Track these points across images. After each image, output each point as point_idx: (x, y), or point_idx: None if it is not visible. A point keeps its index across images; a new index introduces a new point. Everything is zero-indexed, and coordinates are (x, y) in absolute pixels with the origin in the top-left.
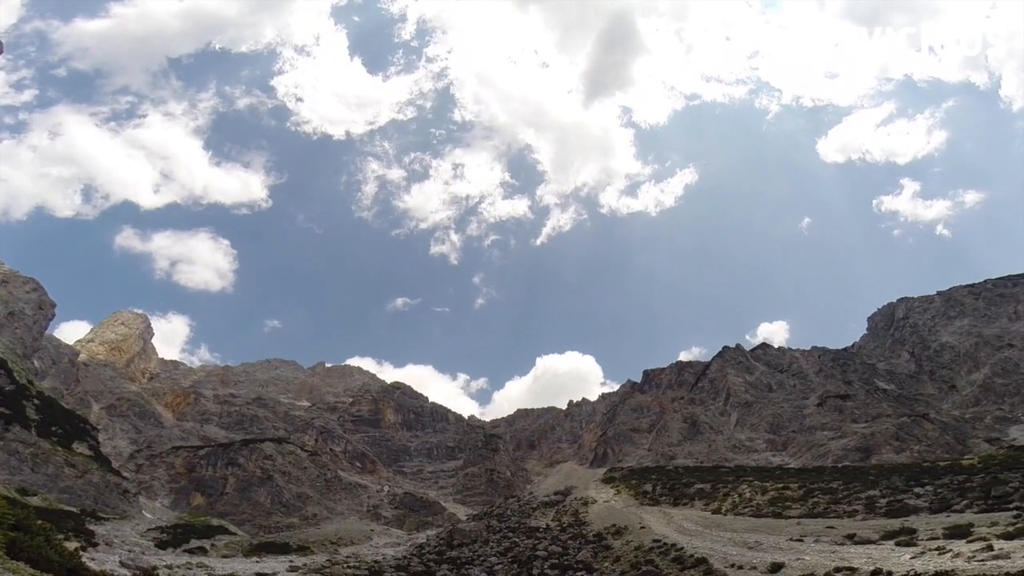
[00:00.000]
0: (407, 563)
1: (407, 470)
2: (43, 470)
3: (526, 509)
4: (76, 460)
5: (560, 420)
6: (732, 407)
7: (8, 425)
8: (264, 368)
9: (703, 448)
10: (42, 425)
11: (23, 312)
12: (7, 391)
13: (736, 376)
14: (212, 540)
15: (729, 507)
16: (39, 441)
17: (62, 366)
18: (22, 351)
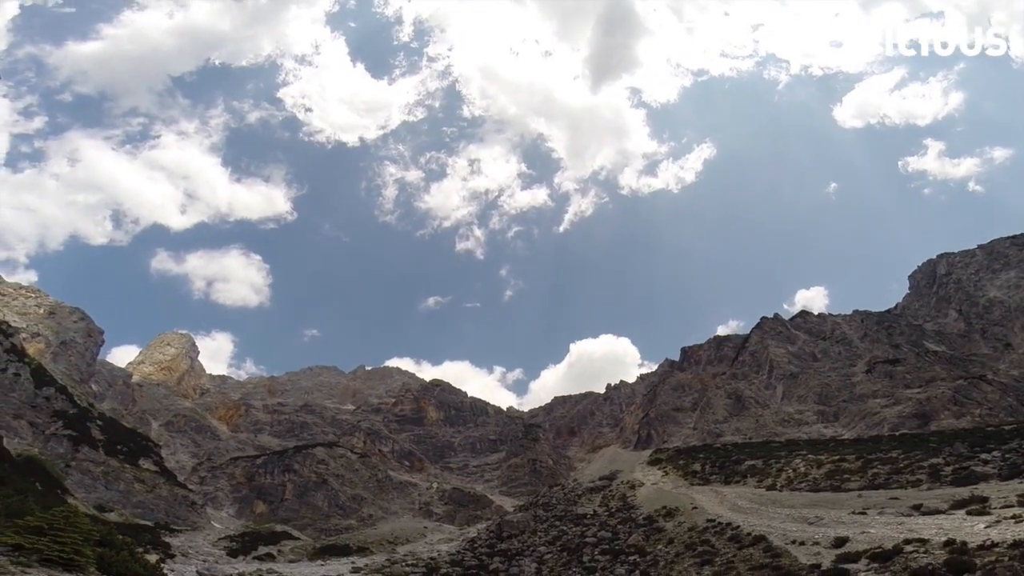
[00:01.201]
0: (461, 558)
1: (453, 466)
2: (116, 487)
3: (572, 496)
4: (144, 476)
5: (599, 405)
6: (777, 379)
7: (77, 446)
8: (308, 376)
9: (750, 424)
10: (108, 444)
11: (74, 341)
12: (71, 415)
13: (777, 347)
14: (278, 546)
15: (784, 483)
16: (108, 460)
17: (118, 388)
18: (79, 377)
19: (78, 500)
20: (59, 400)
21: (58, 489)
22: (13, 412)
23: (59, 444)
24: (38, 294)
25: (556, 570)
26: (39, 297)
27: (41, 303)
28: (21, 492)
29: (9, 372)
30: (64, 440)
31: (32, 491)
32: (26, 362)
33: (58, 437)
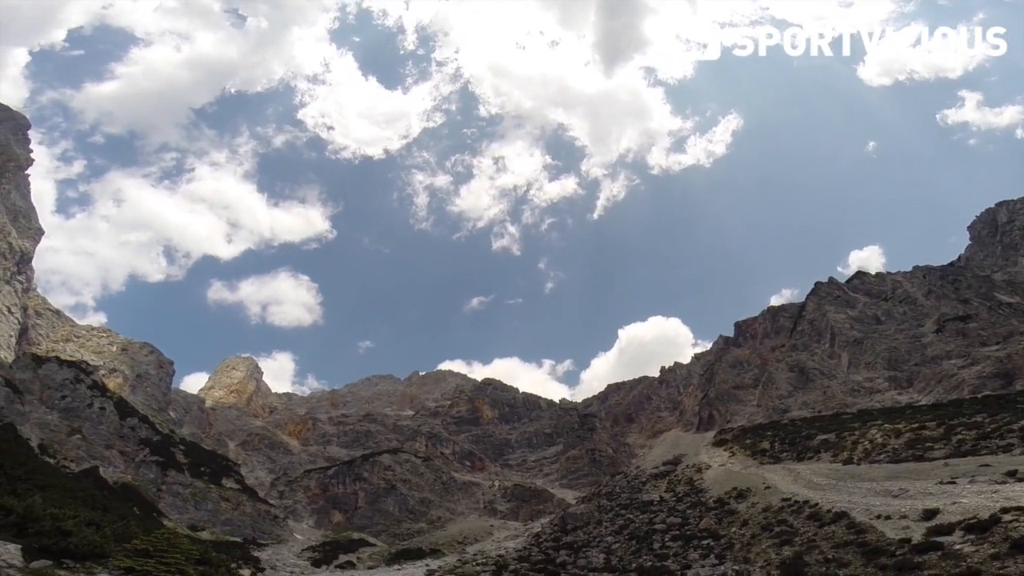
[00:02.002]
0: (527, 554)
1: (512, 462)
2: (204, 507)
3: (635, 484)
4: (228, 494)
5: (655, 389)
6: (840, 347)
7: (165, 471)
8: (366, 386)
9: (817, 396)
10: (192, 467)
11: (148, 373)
12: (156, 441)
13: (836, 313)
14: (357, 553)
15: (861, 455)
16: (194, 482)
17: (194, 414)
18: (157, 406)
19: (172, 521)
20: (143, 429)
21: (154, 512)
22: (104, 443)
23: (149, 470)
24: (109, 333)
25: (626, 559)
26: (110, 336)
27: (113, 341)
28: (123, 517)
29: (95, 407)
30: (153, 466)
31: (132, 516)
32: (108, 396)
33: (147, 463)
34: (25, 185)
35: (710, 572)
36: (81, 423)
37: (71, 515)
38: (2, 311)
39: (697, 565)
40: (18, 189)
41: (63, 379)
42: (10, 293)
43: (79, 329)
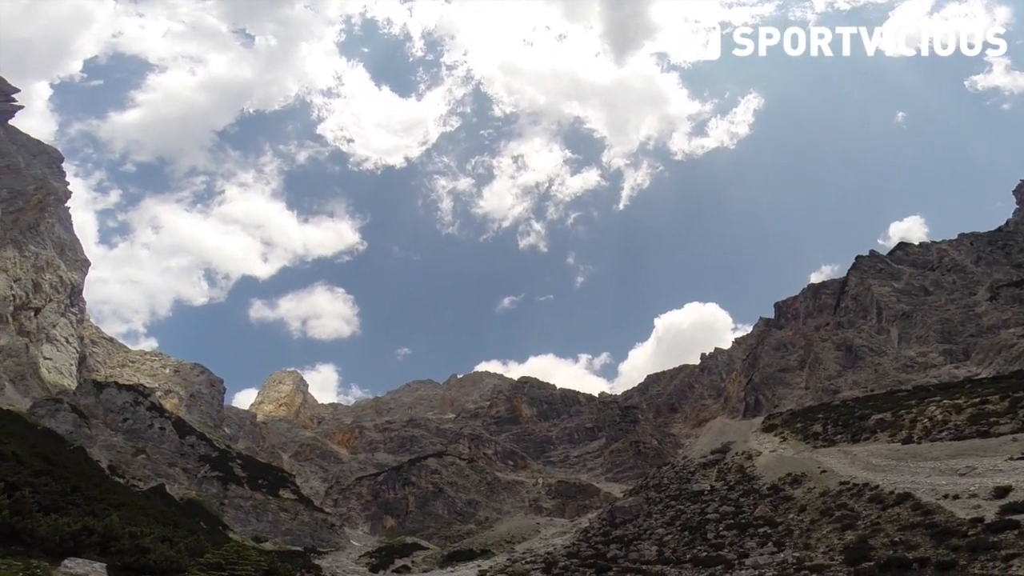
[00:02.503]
0: (576, 549)
1: (554, 459)
2: (265, 518)
3: (683, 474)
4: (287, 505)
5: (696, 377)
6: (888, 322)
7: (226, 485)
8: (407, 392)
9: (868, 375)
10: (250, 480)
11: (201, 392)
12: (214, 457)
13: (881, 286)
14: (411, 557)
15: (921, 434)
16: (254, 494)
17: (247, 428)
18: (212, 423)
19: (237, 534)
20: (201, 446)
21: (219, 526)
22: (167, 462)
23: (211, 485)
24: (161, 356)
25: (679, 550)
26: (163, 359)
27: (165, 364)
28: (192, 532)
29: (156, 427)
30: (214, 481)
31: (200, 530)
32: (167, 416)
33: (209, 479)
34: (67, 218)
35: (769, 560)
36: (144, 443)
37: (147, 532)
38: (60, 342)
39: (755, 553)
40: (61, 222)
41: (123, 403)
42: (66, 325)
43: (133, 355)
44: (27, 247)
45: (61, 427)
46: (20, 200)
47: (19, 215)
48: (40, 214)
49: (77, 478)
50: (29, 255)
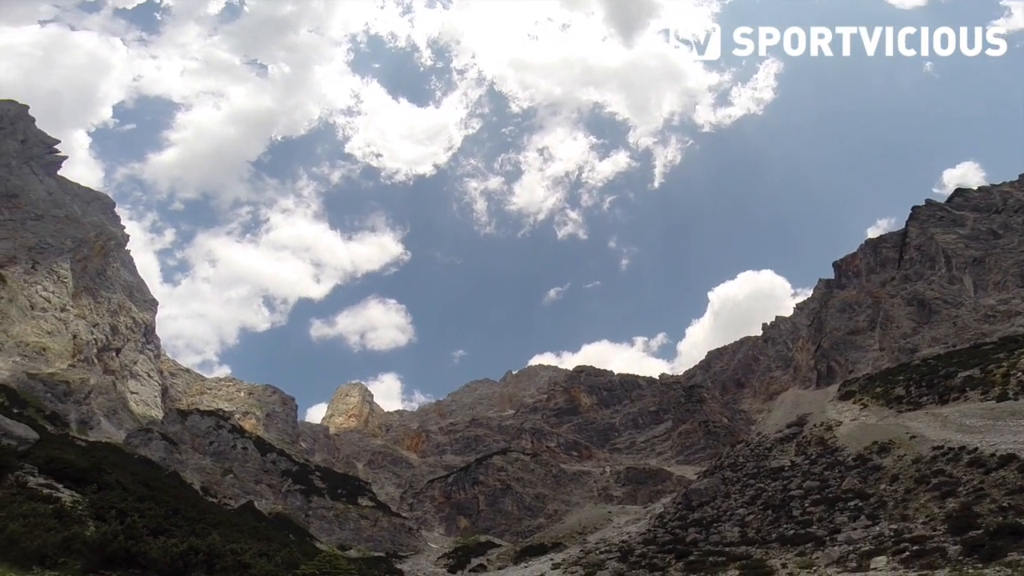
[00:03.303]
0: (653, 535)
1: (620, 446)
2: (347, 527)
3: (760, 451)
4: (366, 512)
5: (760, 348)
6: (959, 270)
7: (308, 497)
8: (466, 392)
9: (947, 329)
10: (330, 490)
11: (275, 411)
12: (295, 472)
13: (945, 234)
14: (486, 555)
15: (1016, 389)
16: (335, 504)
17: (321, 442)
18: (289, 439)
19: (323, 543)
20: (282, 462)
21: (307, 537)
22: (253, 479)
23: (295, 498)
24: (235, 382)
25: (764, 530)
26: (236, 384)
27: (240, 388)
28: (285, 545)
29: (239, 447)
30: (297, 494)
31: (290, 542)
32: (247, 437)
33: (292, 492)
34: (129, 261)
35: (864, 534)
36: (230, 464)
37: (246, 548)
38: (143, 377)
39: (847, 528)
40: (125, 266)
41: (207, 427)
42: (145, 361)
43: (209, 382)
44: (99, 293)
45: (155, 454)
46: (84, 248)
47: (86, 263)
48: (105, 260)
49: (176, 501)
50: (103, 300)
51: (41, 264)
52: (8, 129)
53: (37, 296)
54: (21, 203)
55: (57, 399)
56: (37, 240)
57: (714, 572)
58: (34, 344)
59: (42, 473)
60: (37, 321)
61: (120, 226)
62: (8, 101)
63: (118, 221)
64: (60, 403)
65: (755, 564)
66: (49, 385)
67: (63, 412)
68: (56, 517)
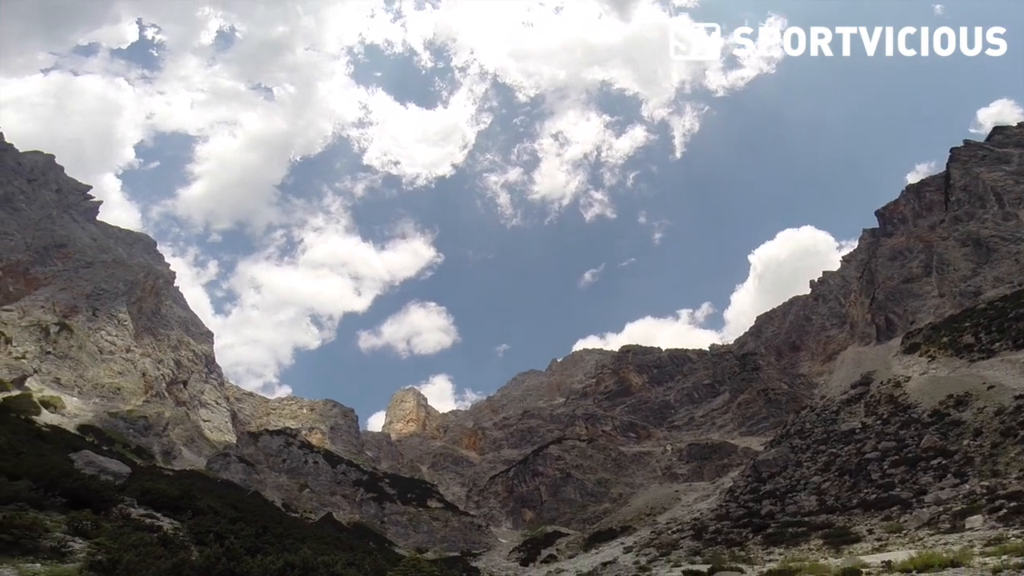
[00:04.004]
0: (725, 511)
1: (678, 423)
2: (421, 529)
3: (826, 415)
4: (436, 514)
5: (811, 308)
6: (1013, 206)
7: (381, 504)
8: (515, 385)
9: (1010, 267)
10: (400, 495)
11: (338, 424)
12: (365, 481)
13: (991, 172)
14: (555, 545)
15: None
16: (406, 509)
17: (385, 449)
18: (355, 450)
19: (402, 548)
20: (352, 472)
21: (385, 543)
22: (328, 491)
23: (369, 507)
24: (297, 400)
25: (842, 496)
26: (298, 402)
27: (302, 406)
28: (368, 552)
29: (310, 462)
30: (371, 502)
31: (371, 549)
32: (316, 451)
33: (366, 501)
34: (180, 297)
35: (953, 493)
36: (305, 479)
37: (336, 559)
38: (212, 405)
39: (934, 488)
40: (177, 303)
41: (278, 446)
42: (211, 389)
43: (273, 403)
44: (158, 331)
45: (235, 476)
46: (137, 290)
47: (141, 304)
48: (157, 299)
49: (263, 519)
50: (162, 337)
51: (100, 310)
52: (40, 180)
53: (103, 341)
54: (70, 252)
55: (139, 433)
56: (92, 287)
57: (796, 543)
58: (109, 385)
59: (140, 504)
60: (107, 364)
61: (165, 264)
62: (34, 152)
63: (162, 259)
64: (143, 437)
65: (839, 532)
66: (129, 421)
67: (147, 445)
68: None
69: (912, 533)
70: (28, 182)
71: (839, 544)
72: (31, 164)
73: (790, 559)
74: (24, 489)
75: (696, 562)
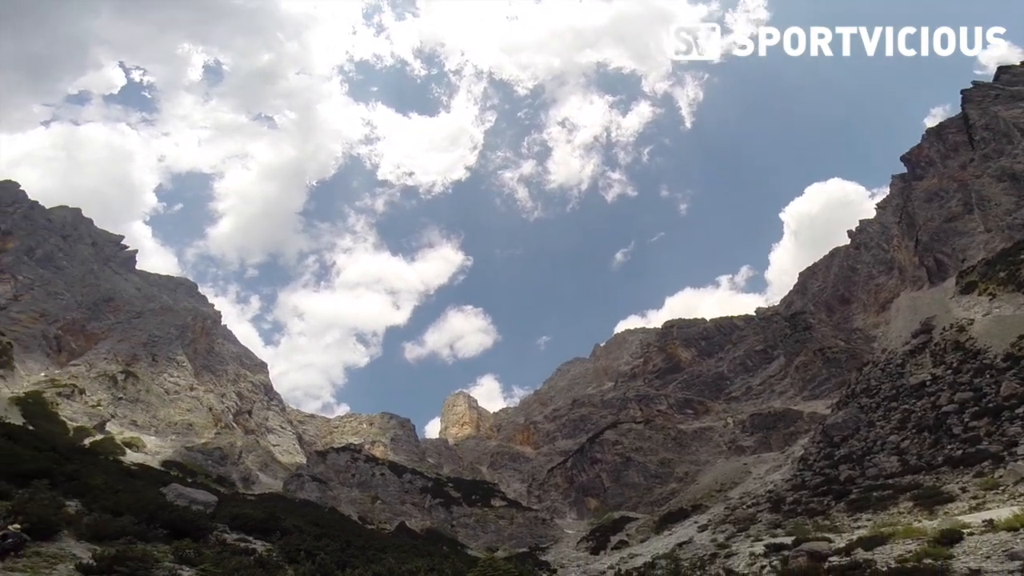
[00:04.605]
0: (801, 480)
1: (735, 393)
2: (489, 529)
3: (891, 369)
4: (501, 512)
5: (854, 257)
6: None
7: (449, 508)
8: (560, 376)
9: None
10: (465, 498)
11: (398, 435)
12: (431, 487)
13: (1009, 110)
14: (625, 531)
15: None
16: (473, 510)
17: (445, 454)
18: (416, 458)
19: (474, 549)
20: (417, 480)
21: (458, 546)
22: (398, 501)
23: (438, 512)
24: (355, 416)
25: (925, 455)
26: (357, 418)
27: (361, 421)
28: (445, 556)
29: (377, 475)
30: (439, 508)
31: (445, 554)
32: (381, 463)
33: (434, 507)
34: (229, 334)
35: None
36: (375, 491)
37: (418, 567)
38: (278, 430)
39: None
40: (227, 339)
41: (345, 462)
42: (275, 415)
43: (334, 421)
44: (215, 368)
45: (311, 495)
46: (188, 333)
47: (195, 345)
48: (209, 339)
49: (344, 534)
50: (220, 373)
51: (159, 355)
52: (74, 235)
53: (167, 382)
54: (119, 305)
55: (217, 464)
56: (147, 336)
57: (883, 507)
58: (180, 422)
59: (232, 529)
60: (175, 403)
61: (209, 305)
62: (61, 207)
63: (206, 301)
64: (220, 467)
65: (930, 493)
66: (206, 453)
67: (226, 474)
68: (260, 566)
69: (1011, 489)
70: (63, 239)
71: (931, 505)
72: (61, 220)
73: (880, 524)
74: (129, 524)
75: (778, 535)
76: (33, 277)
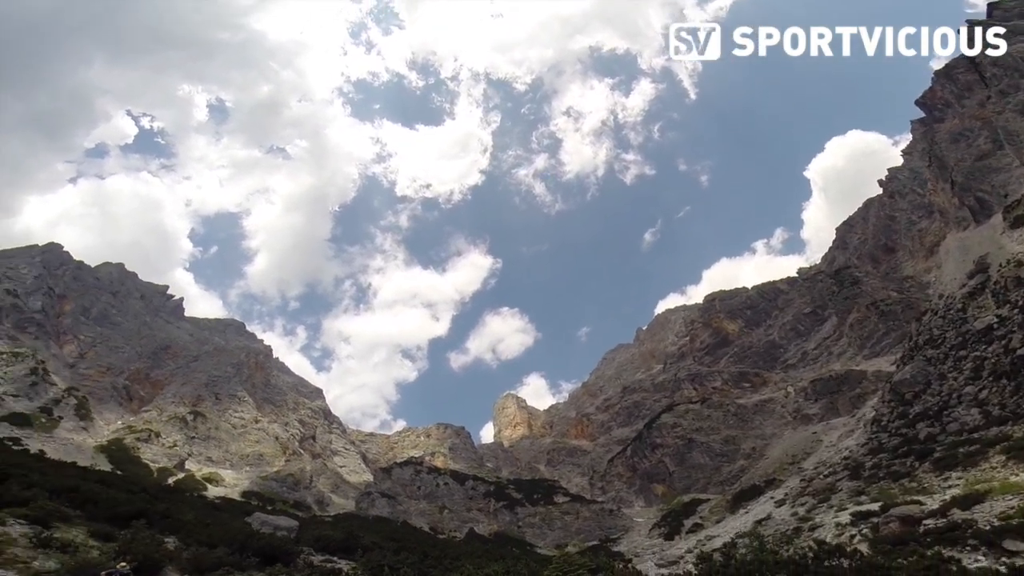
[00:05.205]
0: (877, 442)
1: (791, 360)
2: (555, 526)
3: (952, 315)
4: (566, 508)
5: (890, 205)
6: None
7: (513, 510)
8: (606, 365)
9: None
10: (528, 498)
11: (456, 444)
12: (493, 491)
13: (1013, 45)
14: (698, 513)
15: None
16: (537, 509)
17: (502, 457)
18: (476, 464)
19: (543, 548)
20: (479, 486)
21: (527, 546)
22: (463, 508)
23: (504, 515)
24: (413, 429)
25: (1008, 404)
26: (414, 431)
27: (418, 434)
28: (517, 558)
29: (441, 485)
30: (504, 511)
31: (517, 555)
32: (443, 473)
33: (499, 510)
34: (283, 366)
35: None
36: (441, 501)
37: (496, 571)
38: (342, 451)
39: None
40: (281, 371)
41: (409, 475)
42: (337, 438)
43: (393, 437)
44: (275, 399)
45: (382, 511)
46: (244, 369)
47: (252, 380)
48: (264, 373)
49: (420, 546)
50: (280, 404)
51: (221, 394)
52: (122, 291)
53: (233, 418)
54: (176, 351)
55: (291, 490)
56: (207, 377)
57: (973, 463)
58: (252, 454)
59: (317, 551)
60: (244, 436)
61: (259, 341)
62: (105, 264)
63: (255, 338)
64: (295, 492)
65: (1022, 444)
66: (279, 481)
67: (301, 499)
68: None
69: None
70: (113, 295)
71: None
72: (107, 277)
73: (974, 482)
74: (224, 555)
75: (863, 502)
76: (93, 335)
